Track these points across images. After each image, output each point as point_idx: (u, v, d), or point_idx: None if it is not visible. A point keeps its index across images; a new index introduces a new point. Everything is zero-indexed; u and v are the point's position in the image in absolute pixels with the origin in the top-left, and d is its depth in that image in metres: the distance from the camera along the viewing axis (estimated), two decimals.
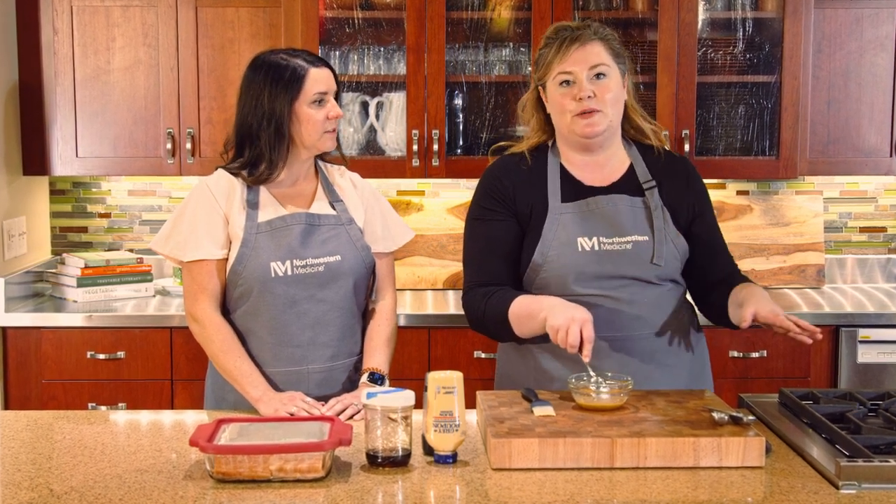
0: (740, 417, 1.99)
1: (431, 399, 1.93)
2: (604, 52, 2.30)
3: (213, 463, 1.84)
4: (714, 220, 2.47)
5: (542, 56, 2.35)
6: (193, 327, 2.40)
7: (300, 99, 2.34)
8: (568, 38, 2.30)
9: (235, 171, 2.40)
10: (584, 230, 2.31)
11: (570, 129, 2.32)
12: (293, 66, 2.34)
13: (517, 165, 2.41)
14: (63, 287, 3.76)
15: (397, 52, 3.79)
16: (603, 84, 2.29)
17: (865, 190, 4.17)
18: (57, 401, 3.53)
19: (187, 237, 2.37)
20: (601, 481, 1.85)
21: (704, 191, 2.46)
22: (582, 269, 2.29)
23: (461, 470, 1.91)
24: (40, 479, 1.88)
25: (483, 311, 2.32)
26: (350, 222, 2.45)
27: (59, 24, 3.73)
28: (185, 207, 2.40)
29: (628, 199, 2.34)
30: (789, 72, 3.73)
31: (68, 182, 4.11)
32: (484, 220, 2.38)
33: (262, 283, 2.35)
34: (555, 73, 2.31)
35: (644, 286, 2.31)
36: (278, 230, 2.37)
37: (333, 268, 2.40)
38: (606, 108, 2.30)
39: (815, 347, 3.56)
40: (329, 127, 2.37)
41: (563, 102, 2.31)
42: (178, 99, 3.76)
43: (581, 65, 2.28)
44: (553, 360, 2.33)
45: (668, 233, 2.34)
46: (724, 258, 2.45)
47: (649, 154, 2.43)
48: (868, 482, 1.81)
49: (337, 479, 1.86)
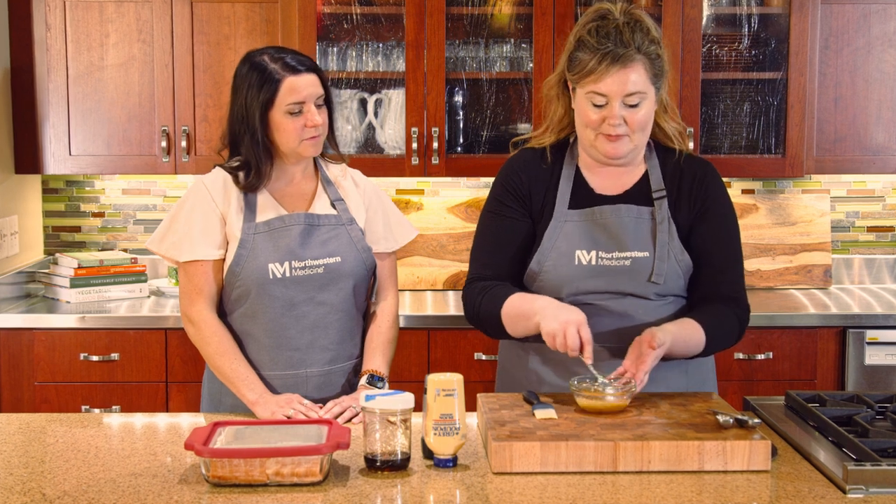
0: (746, 420, 1.99)
1: (431, 402, 1.93)
2: (643, 77, 2.20)
3: (209, 467, 1.84)
4: (721, 233, 2.34)
5: (578, 60, 2.22)
6: (189, 329, 2.40)
7: (274, 107, 2.32)
8: (609, 57, 2.17)
9: (232, 171, 2.39)
10: (584, 242, 2.29)
11: (592, 145, 2.28)
12: (270, 71, 2.31)
13: (538, 162, 2.37)
14: (56, 287, 3.76)
15: (396, 48, 3.79)
16: (635, 112, 2.21)
17: (873, 189, 4.17)
18: (49, 403, 3.53)
19: (183, 237, 2.37)
20: (604, 485, 1.85)
21: (717, 196, 2.35)
22: (577, 283, 2.28)
23: (461, 474, 1.91)
24: (33, 483, 1.88)
25: (478, 307, 2.31)
26: (351, 222, 2.45)
27: (52, 20, 3.73)
28: (182, 206, 2.40)
29: (635, 210, 2.31)
30: (796, 68, 3.73)
31: (61, 181, 4.11)
32: (498, 214, 2.37)
33: (260, 285, 2.34)
34: (588, 88, 2.22)
35: (641, 301, 2.29)
36: (277, 231, 2.37)
37: (333, 269, 2.39)
38: (634, 134, 2.24)
39: (821, 349, 3.56)
40: (307, 135, 2.34)
41: (591, 118, 2.24)
42: (173, 96, 3.76)
43: (616, 90, 2.18)
44: (543, 364, 2.33)
45: (672, 248, 2.29)
46: (712, 274, 2.31)
47: (670, 159, 2.36)
48: (876, 486, 1.81)
49: (335, 484, 1.86)
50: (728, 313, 2.30)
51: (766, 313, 3.56)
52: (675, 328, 2.21)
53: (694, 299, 2.34)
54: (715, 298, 2.31)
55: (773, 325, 3.56)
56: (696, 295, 2.34)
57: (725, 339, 2.32)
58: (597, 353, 2.24)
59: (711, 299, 2.31)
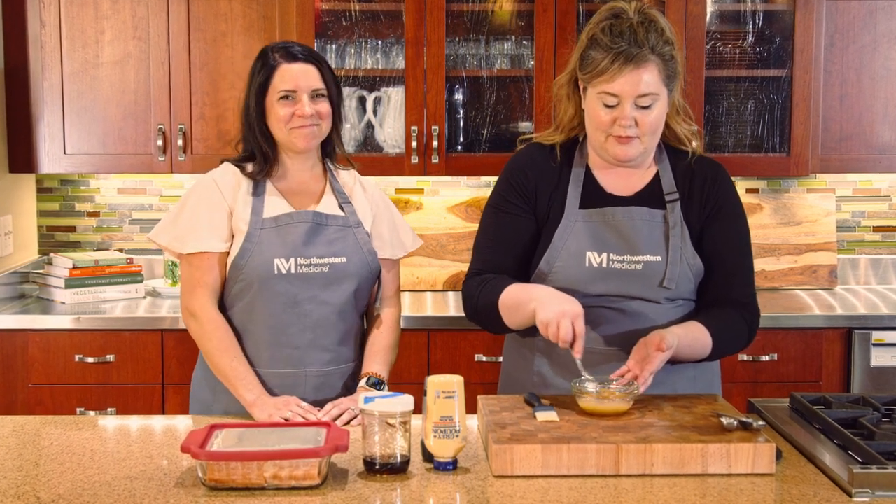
0: (750, 423, 1.99)
1: (431, 404, 1.93)
2: (656, 78, 2.19)
3: (206, 470, 1.84)
4: (733, 236, 2.35)
5: (591, 59, 2.21)
6: (190, 323, 2.40)
7: (269, 93, 2.38)
8: (623, 56, 2.16)
9: (240, 164, 2.43)
10: (595, 244, 2.28)
11: (603, 147, 2.27)
12: (269, 58, 2.39)
13: (546, 160, 2.36)
14: (50, 288, 3.76)
15: (395, 45, 3.79)
16: (647, 114, 2.21)
17: (879, 188, 4.17)
18: (44, 406, 3.53)
19: (188, 229, 2.38)
20: (606, 489, 1.85)
21: (728, 199, 2.35)
22: (587, 286, 2.27)
23: (461, 477, 1.91)
24: (27, 486, 1.88)
25: (477, 299, 2.31)
26: (358, 225, 2.45)
27: (47, 17, 3.73)
28: (188, 199, 2.42)
29: (647, 213, 2.30)
30: (801, 66, 3.73)
31: (56, 180, 4.11)
32: (502, 210, 2.36)
33: (264, 280, 2.35)
34: (599, 88, 2.21)
35: (650, 305, 2.29)
36: (284, 227, 2.38)
37: (338, 269, 2.40)
38: (645, 136, 2.23)
39: (827, 351, 3.56)
40: (295, 124, 2.37)
41: (601, 119, 2.23)
42: (170, 94, 3.76)
43: (629, 90, 2.17)
44: (549, 366, 2.33)
45: (685, 252, 2.29)
46: (722, 278, 2.32)
47: (682, 161, 2.35)
48: (882, 490, 1.81)
49: (333, 487, 1.86)
50: (737, 318, 2.30)
51: (771, 314, 3.56)
52: (681, 331, 2.21)
53: (703, 303, 2.34)
54: (725, 303, 2.31)
55: (777, 327, 3.56)
56: (705, 299, 2.34)
57: (733, 344, 2.32)
58: (604, 356, 2.24)
59: (721, 303, 2.31)
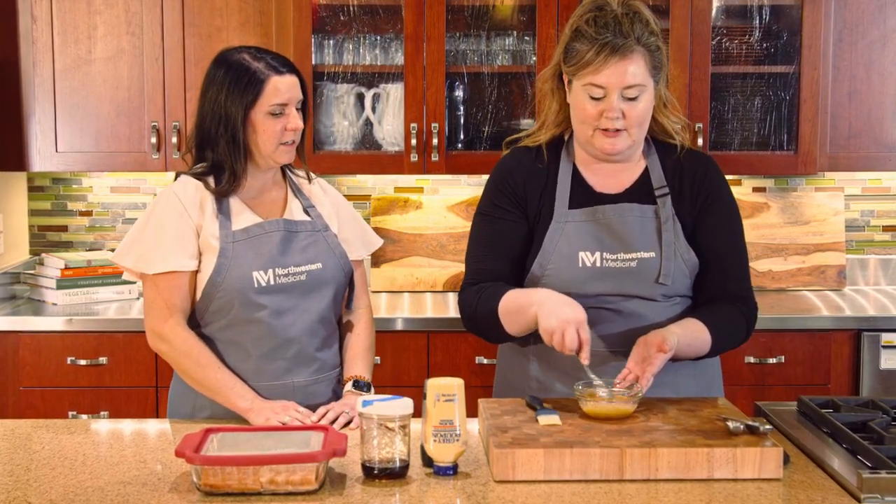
0: (757, 427, 1.99)
1: (431, 407, 1.93)
2: (642, 69, 2.20)
3: (201, 475, 1.84)
4: (725, 229, 2.35)
5: (575, 51, 2.22)
6: (161, 346, 2.35)
7: (256, 107, 2.30)
8: (608, 47, 2.16)
9: (201, 178, 2.36)
10: (587, 243, 2.29)
11: (589, 141, 2.27)
12: (254, 70, 2.30)
13: (532, 162, 2.37)
14: (42, 289, 3.76)
15: (395, 40, 3.79)
16: (634, 105, 2.21)
17: (889, 186, 4.17)
18: (35, 409, 3.53)
19: (153, 248, 2.32)
20: (610, 494, 1.85)
21: (719, 191, 2.35)
22: (582, 286, 2.27)
23: (462, 482, 1.91)
24: (18, 491, 1.88)
25: (475, 307, 2.31)
26: (326, 228, 2.45)
27: (38, 12, 3.73)
28: (150, 216, 2.35)
29: (638, 209, 2.31)
30: (808, 62, 3.74)
31: (47, 178, 4.11)
32: (492, 216, 2.36)
33: (244, 294, 2.32)
34: (585, 80, 2.21)
35: (647, 303, 2.29)
36: (256, 238, 2.35)
37: (316, 276, 2.39)
38: (632, 129, 2.24)
39: (835, 353, 3.57)
40: (286, 139, 2.33)
41: (587, 112, 2.23)
42: (164, 90, 3.76)
43: (615, 81, 2.18)
44: (545, 371, 2.33)
45: (678, 247, 2.30)
46: (717, 273, 2.32)
47: (671, 155, 2.36)
48: (891, 495, 1.81)
49: (331, 492, 1.86)
50: (735, 312, 2.32)
51: (778, 315, 3.56)
52: (680, 330, 2.21)
53: (700, 299, 2.35)
54: (721, 298, 2.32)
55: (785, 328, 3.56)
56: (702, 294, 2.35)
57: (732, 339, 2.33)
58: (603, 357, 2.25)
59: (718, 299, 2.32)
